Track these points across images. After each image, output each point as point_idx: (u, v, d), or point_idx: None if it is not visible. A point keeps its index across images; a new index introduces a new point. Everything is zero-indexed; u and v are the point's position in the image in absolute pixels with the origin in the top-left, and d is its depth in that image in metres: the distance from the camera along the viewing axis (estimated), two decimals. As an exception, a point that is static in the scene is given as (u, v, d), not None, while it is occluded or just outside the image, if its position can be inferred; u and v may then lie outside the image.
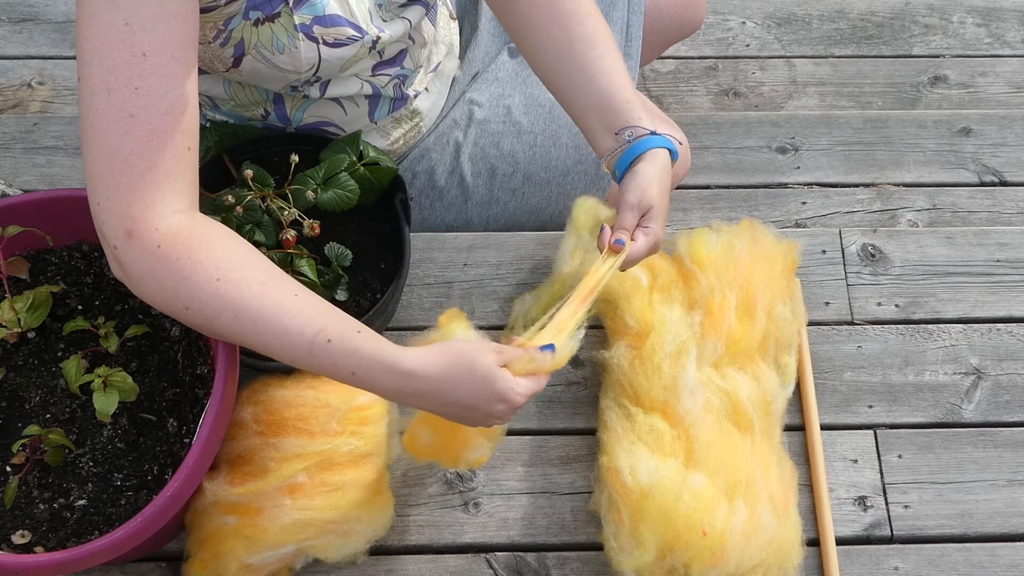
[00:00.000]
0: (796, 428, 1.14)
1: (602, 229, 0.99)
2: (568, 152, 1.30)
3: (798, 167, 1.73)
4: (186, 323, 0.85)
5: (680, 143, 1.40)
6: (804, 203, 1.70)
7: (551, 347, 0.91)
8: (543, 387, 0.91)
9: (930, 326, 1.22)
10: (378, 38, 1.05)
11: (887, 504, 1.10)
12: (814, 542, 1.07)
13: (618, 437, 1.04)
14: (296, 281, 0.86)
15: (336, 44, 1.02)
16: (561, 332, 0.93)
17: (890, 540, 1.09)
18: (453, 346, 0.88)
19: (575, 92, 1.05)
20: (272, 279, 0.85)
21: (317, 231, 1.07)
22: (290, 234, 1.08)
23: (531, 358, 0.90)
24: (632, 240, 0.98)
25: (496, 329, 1.20)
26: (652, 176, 0.99)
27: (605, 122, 1.04)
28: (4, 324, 0.98)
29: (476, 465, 1.06)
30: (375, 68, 1.13)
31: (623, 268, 1.00)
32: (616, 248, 0.98)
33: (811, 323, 1.21)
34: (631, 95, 1.03)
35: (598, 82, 1.03)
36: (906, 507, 1.10)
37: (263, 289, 0.83)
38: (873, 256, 1.27)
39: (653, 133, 1.01)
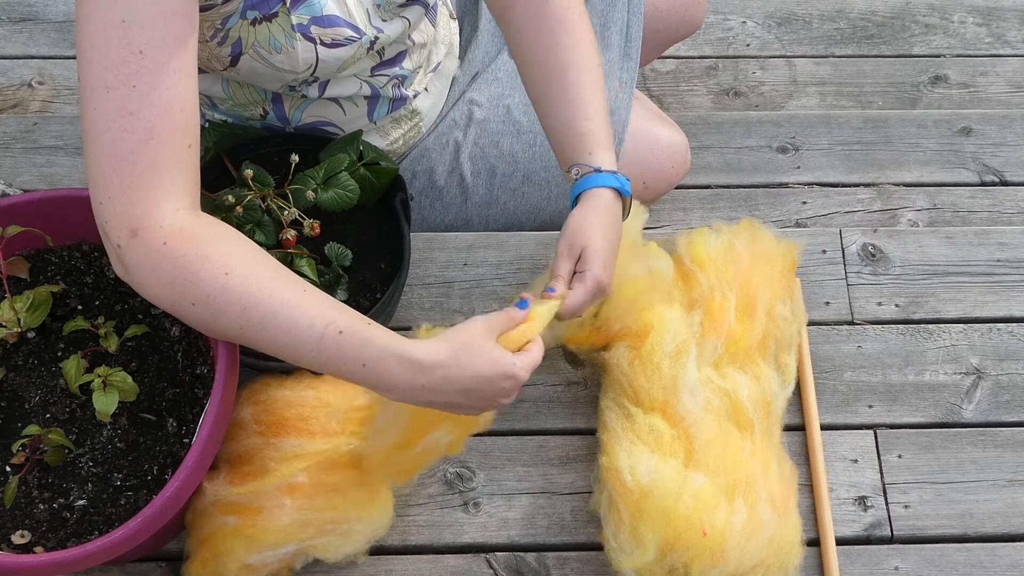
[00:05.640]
0: (796, 428, 1.14)
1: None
2: (568, 152, 1.29)
3: (798, 167, 1.72)
4: (192, 321, 0.85)
5: (661, 141, 1.41)
6: (804, 203, 1.70)
7: (524, 303, 0.92)
8: (540, 360, 0.90)
9: (930, 326, 1.22)
10: (376, 38, 1.05)
11: (887, 504, 1.10)
12: (814, 542, 1.07)
13: (618, 437, 1.04)
14: (301, 278, 0.87)
15: (334, 44, 1.02)
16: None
17: (890, 540, 1.08)
18: (451, 334, 0.87)
19: (544, 118, 1.05)
20: (280, 275, 0.85)
21: (317, 231, 1.07)
22: (290, 234, 1.08)
23: (511, 318, 0.90)
24: (569, 288, 0.96)
25: (496, 329, 1.20)
26: (585, 218, 0.98)
27: (561, 155, 1.03)
28: (4, 324, 0.98)
29: (449, 453, 1.02)
30: (374, 69, 1.13)
31: (564, 317, 0.96)
32: (546, 296, 0.95)
33: (811, 323, 1.21)
34: (591, 125, 1.01)
35: (560, 112, 1.02)
36: (906, 507, 1.10)
37: (272, 284, 0.83)
38: (873, 256, 1.27)
39: (597, 171, 0.99)
